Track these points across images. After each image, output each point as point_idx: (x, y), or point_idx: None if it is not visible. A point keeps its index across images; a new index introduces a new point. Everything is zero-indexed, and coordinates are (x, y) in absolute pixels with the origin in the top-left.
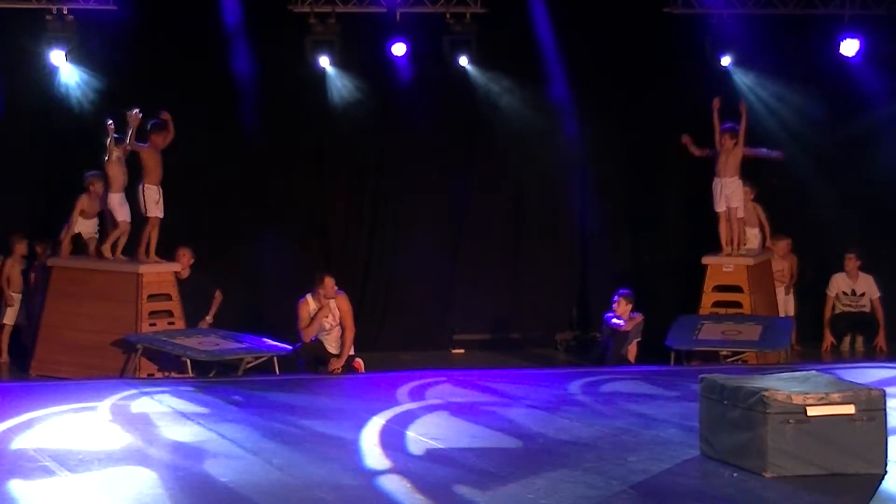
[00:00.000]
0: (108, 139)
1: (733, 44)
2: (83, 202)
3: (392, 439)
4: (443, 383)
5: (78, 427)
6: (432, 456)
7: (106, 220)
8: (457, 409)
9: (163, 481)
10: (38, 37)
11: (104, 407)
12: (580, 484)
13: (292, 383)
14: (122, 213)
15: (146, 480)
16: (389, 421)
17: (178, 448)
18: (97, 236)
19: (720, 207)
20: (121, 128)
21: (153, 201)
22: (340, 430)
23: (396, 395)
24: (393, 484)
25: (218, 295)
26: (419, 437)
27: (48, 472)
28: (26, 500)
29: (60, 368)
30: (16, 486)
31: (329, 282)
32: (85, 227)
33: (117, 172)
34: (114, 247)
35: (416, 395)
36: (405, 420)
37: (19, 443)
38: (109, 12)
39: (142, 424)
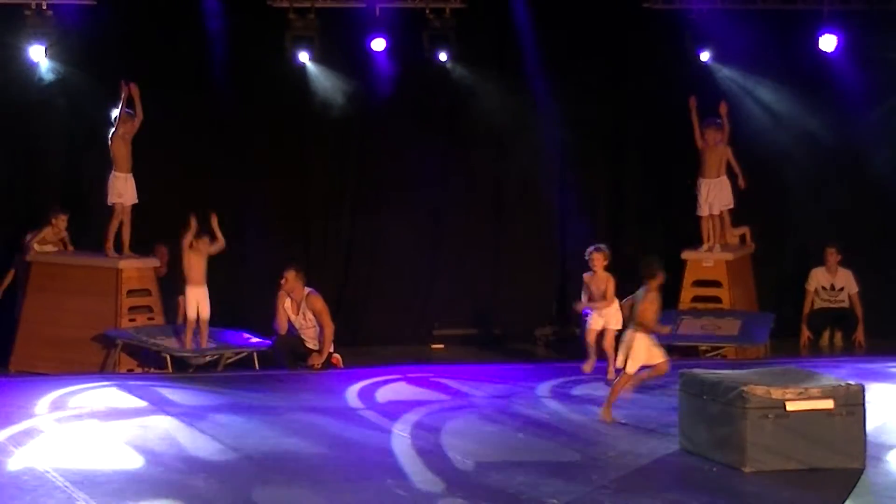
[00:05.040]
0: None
1: (713, 39)
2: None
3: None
4: (430, 380)
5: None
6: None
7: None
8: (439, 403)
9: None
10: (18, 32)
11: (89, 405)
12: (559, 478)
13: (271, 379)
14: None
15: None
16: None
17: (160, 444)
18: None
19: (703, 212)
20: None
21: (116, 191)
22: (318, 424)
23: (376, 394)
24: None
25: (181, 301)
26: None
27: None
28: None
29: (40, 364)
30: None
31: (289, 275)
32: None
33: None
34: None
35: (394, 393)
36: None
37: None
38: (89, 7)
39: (124, 420)
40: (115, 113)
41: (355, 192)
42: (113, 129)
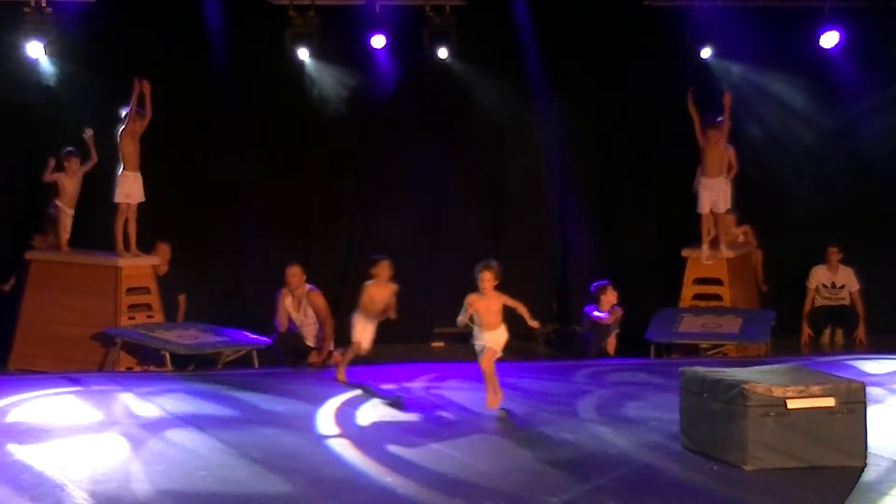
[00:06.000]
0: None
1: (714, 36)
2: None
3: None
4: (422, 376)
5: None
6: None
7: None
8: (433, 400)
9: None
10: (16, 29)
11: (83, 399)
12: (558, 477)
13: (271, 377)
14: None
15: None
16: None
17: (157, 443)
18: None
19: (703, 210)
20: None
21: (124, 190)
22: (318, 423)
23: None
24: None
25: (181, 300)
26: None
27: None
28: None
29: (39, 362)
30: None
31: (291, 271)
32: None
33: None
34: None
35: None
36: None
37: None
38: (88, 4)
39: (119, 417)
40: (124, 110)
41: (354, 190)
42: (122, 127)
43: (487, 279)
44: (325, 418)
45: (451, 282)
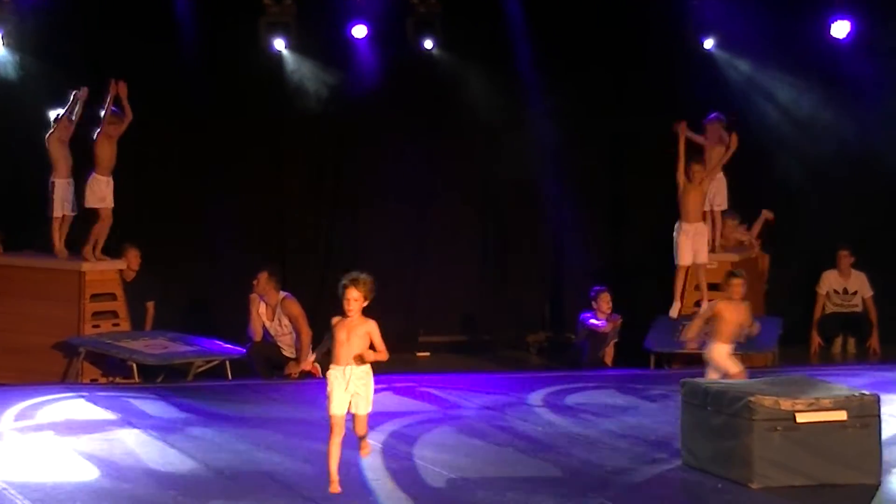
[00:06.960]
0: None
1: (717, 26)
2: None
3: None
4: (416, 389)
5: (31, 449)
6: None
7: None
8: (424, 415)
9: (108, 499)
10: None
11: (52, 417)
12: (552, 495)
13: (245, 389)
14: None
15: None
16: None
17: (127, 458)
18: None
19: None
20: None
21: (97, 195)
22: (295, 437)
23: None
24: None
25: (150, 307)
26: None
27: None
28: None
29: None
30: None
31: (261, 277)
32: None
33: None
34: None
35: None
36: None
37: None
38: None
39: (88, 434)
40: (100, 111)
41: (334, 190)
42: (98, 129)
43: (354, 298)
44: (304, 432)
45: (438, 287)
